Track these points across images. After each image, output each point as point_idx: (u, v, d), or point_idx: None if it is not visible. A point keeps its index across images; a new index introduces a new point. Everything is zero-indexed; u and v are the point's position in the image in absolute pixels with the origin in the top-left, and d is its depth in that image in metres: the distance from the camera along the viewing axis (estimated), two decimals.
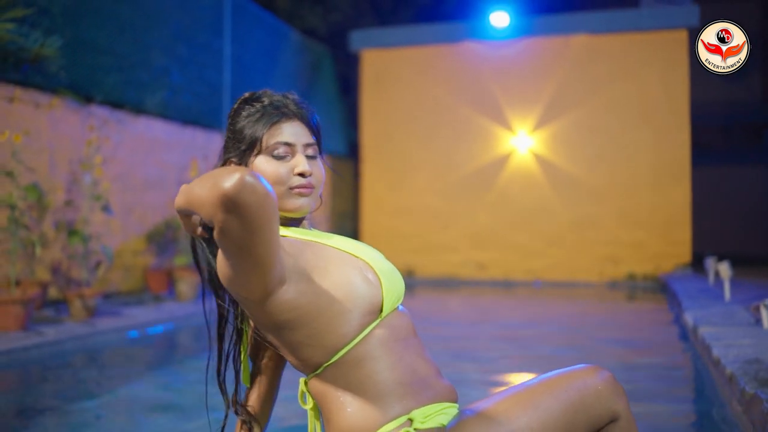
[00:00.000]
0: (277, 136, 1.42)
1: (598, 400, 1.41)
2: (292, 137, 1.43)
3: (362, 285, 1.37)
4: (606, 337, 4.92)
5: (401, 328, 1.43)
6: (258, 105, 1.46)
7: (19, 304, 4.31)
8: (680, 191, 8.73)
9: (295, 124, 1.45)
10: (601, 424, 1.42)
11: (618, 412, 1.42)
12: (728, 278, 5.41)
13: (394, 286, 1.43)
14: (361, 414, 1.35)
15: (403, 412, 1.35)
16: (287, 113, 1.45)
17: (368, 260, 1.43)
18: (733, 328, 4.01)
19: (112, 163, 5.99)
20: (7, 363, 3.84)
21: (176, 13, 7.14)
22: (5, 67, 4.92)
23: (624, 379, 3.44)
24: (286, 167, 1.42)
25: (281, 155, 1.42)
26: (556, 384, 1.43)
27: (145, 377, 3.80)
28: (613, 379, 1.45)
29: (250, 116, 1.45)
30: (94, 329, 4.63)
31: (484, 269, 9.39)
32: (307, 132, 1.47)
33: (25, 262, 5.01)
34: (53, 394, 3.40)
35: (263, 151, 1.42)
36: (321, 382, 1.39)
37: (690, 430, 2.75)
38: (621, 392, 1.44)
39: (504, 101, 9.38)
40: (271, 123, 1.43)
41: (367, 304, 1.36)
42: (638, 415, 2.80)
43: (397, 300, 1.44)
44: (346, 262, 1.40)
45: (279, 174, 1.41)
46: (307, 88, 10.09)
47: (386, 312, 1.40)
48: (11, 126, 4.94)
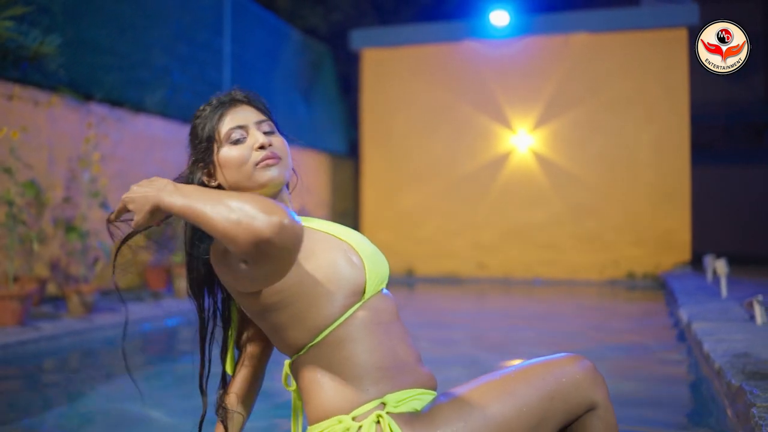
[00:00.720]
0: (229, 123, 1.48)
1: (576, 389, 1.42)
2: (242, 120, 1.49)
3: (346, 267, 1.41)
4: (601, 333, 4.93)
5: (384, 311, 1.47)
6: (206, 108, 1.52)
7: (17, 299, 4.34)
8: (680, 189, 8.73)
9: (242, 108, 1.51)
10: (578, 413, 1.44)
11: (596, 402, 1.44)
12: (725, 275, 5.41)
13: (377, 269, 1.46)
14: (338, 395, 1.38)
15: (378, 396, 1.38)
16: (232, 102, 1.52)
17: (353, 243, 1.47)
18: (726, 323, 4.02)
19: (111, 160, 6.02)
20: (4, 357, 3.87)
21: (177, 12, 7.18)
22: (4, 64, 4.96)
23: (615, 375, 3.47)
24: (246, 147, 1.46)
25: (238, 138, 1.47)
26: (534, 372, 1.45)
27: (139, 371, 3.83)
28: (593, 369, 1.46)
29: (201, 119, 1.51)
30: (92, 325, 4.66)
31: (485, 268, 9.41)
32: (256, 112, 1.52)
33: (24, 258, 5.05)
34: (51, 385, 3.44)
35: (222, 143, 1.47)
36: (303, 364, 1.43)
37: (677, 422, 2.76)
38: (600, 382, 1.45)
39: (504, 100, 9.39)
40: (220, 114, 1.49)
41: (350, 286, 1.40)
42: (625, 406, 2.83)
43: (380, 283, 1.48)
44: (332, 245, 1.44)
45: (242, 155, 1.45)
46: (308, 87, 10.12)
47: (369, 294, 1.43)
48: (10, 123, 4.98)
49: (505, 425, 1.36)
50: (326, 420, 1.38)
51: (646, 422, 2.69)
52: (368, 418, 1.34)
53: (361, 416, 1.36)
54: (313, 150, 10.06)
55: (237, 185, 1.46)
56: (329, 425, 1.37)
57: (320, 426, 1.38)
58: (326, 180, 10.50)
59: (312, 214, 9.57)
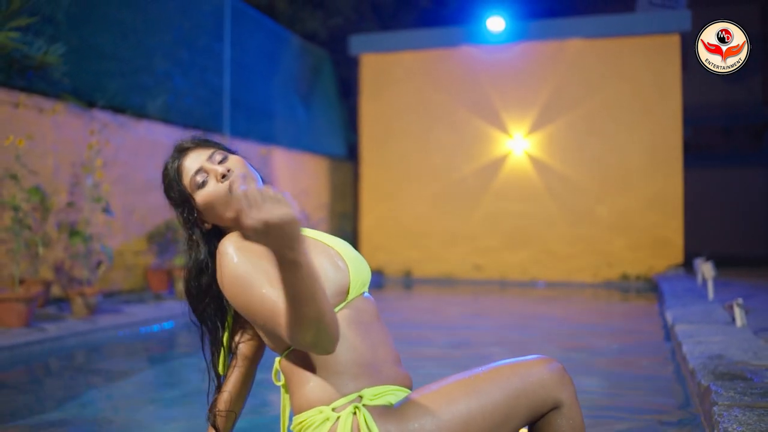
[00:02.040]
0: (187, 173, 1.63)
1: (542, 388, 1.52)
2: (195, 164, 1.62)
3: (331, 270, 1.55)
4: (589, 334, 5.06)
5: (365, 311, 1.61)
6: (167, 170, 1.67)
7: (22, 301, 4.48)
8: (673, 193, 8.86)
9: (192, 155, 1.65)
10: (543, 411, 1.54)
11: (561, 401, 1.53)
12: (711, 278, 5.54)
13: (360, 272, 1.61)
14: (319, 389, 1.52)
15: (356, 390, 1.52)
16: (181, 154, 1.66)
17: (338, 249, 1.62)
18: (708, 325, 4.15)
19: (113, 165, 6.17)
20: (10, 358, 4.02)
21: (178, 19, 7.32)
22: (10, 73, 5.11)
23: (599, 374, 3.60)
24: (212, 184, 1.60)
25: (203, 181, 1.61)
26: (501, 372, 1.57)
27: (144, 371, 3.98)
28: (562, 370, 1.56)
29: (168, 182, 1.66)
30: (95, 326, 4.80)
31: (481, 269, 9.54)
32: (203, 150, 1.66)
33: (29, 261, 5.20)
34: (59, 385, 3.58)
35: (193, 192, 1.62)
36: (290, 361, 1.57)
37: (650, 422, 2.89)
38: (567, 382, 1.55)
39: (500, 104, 9.53)
40: (177, 170, 1.64)
41: (335, 287, 1.54)
42: (602, 404, 2.96)
43: (362, 285, 1.62)
44: (320, 251, 1.59)
45: (216, 192, 1.59)
46: (308, 92, 10.26)
47: (353, 295, 1.58)
48: (16, 131, 5.13)
49: (470, 420, 1.49)
50: (309, 410, 1.52)
51: (620, 420, 2.83)
52: (346, 410, 1.48)
53: (340, 407, 1.50)
54: (313, 153, 10.20)
55: (229, 217, 1.61)
56: (311, 415, 1.51)
57: (303, 416, 1.52)
58: (325, 183, 10.64)
59: (311, 216, 9.71)
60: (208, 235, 1.68)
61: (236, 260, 1.51)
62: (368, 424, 1.45)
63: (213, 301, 1.73)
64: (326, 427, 1.48)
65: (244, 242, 1.55)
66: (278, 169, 8.93)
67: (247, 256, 1.52)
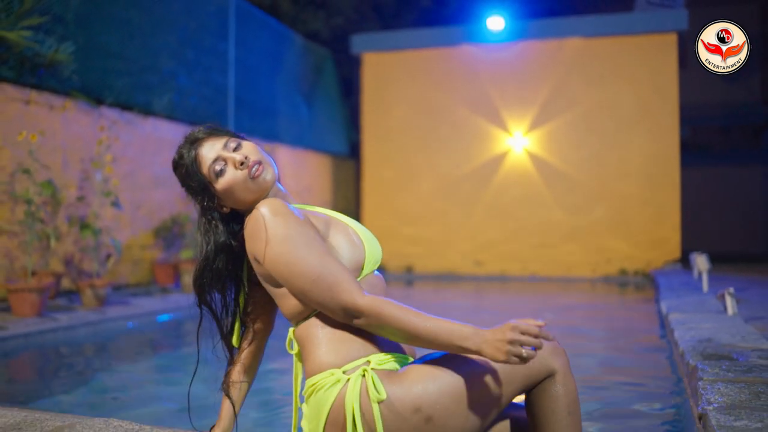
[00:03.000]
0: (206, 162, 1.72)
1: (537, 358, 1.65)
2: (212, 153, 1.72)
3: (349, 247, 1.71)
4: (587, 325, 5.19)
5: (377, 287, 1.75)
6: (183, 160, 1.75)
7: (35, 292, 4.62)
8: (670, 189, 8.99)
9: (207, 144, 1.73)
10: (539, 378, 1.66)
11: (555, 369, 1.66)
12: (705, 270, 5.67)
13: (374, 250, 1.76)
14: (331, 354, 1.65)
15: (365, 355, 1.66)
16: (198, 144, 1.74)
17: (356, 228, 1.78)
18: (700, 314, 4.27)
19: (121, 161, 6.30)
20: (25, 345, 4.16)
21: (183, 19, 7.45)
22: (22, 71, 5.25)
23: (595, 357, 3.73)
24: (230, 171, 1.71)
25: (221, 169, 1.71)
26: None
27: (152, 358, 4.11)
28: (555, 342, 1.68)
29: (186, 171, 1.74)
30: (105, 316, 4.94)
31: (481, 265, 9.67)
32: (217, 139, 1.75)
33: (40, 254, 5.33)
34: (71, 370, 3.72)
35: (212, 180, 1.72)
36: (305, 329, 1.70)
37: (643, 400, 3.03)
38: (560, 353, 1.68)
39: (500, 102, 9.66)
40: (195, 160, 1.72)
41: (352, 263, 1.69)
42: (599, 386, 3.10)
43: (375, 263, 1.76)
44: (340, 229, 1.74)
45: (234, 179, 1.70)
46: (310, 90, 10.40)
47: (367, 271, 1.72)
48: (27, 127, 5.26)
49: (471, 385, 1.61)
50: (321, 373, 1.65)
51: (612, 394, 2.96)
52: (356, 372, 1.62)
53: (350, 370, 1.63)
54: (315, 151, 10.33)
55: (248, 201, 1.73)
56: (323, 377, 1.64)
57: (316, 378, 1.65)
58: (328, 180, 10.77)
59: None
60: (226, 218, 1.81)
61: (279, 224, 1.62)
62: (376, 385, 1.58)
63: (231, 278, 1.85)
64: (337, 388, 1.61)
65: (279, 208, 1.64)
66: (281, 166, 9.06)
67: (287, 220, 1.63)
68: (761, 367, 2.60)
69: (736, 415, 1.93)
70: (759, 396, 2.14)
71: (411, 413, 1.58)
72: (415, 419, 1.58)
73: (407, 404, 1.58)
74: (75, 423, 1.79)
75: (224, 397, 1.91)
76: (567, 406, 1.67)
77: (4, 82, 5.13)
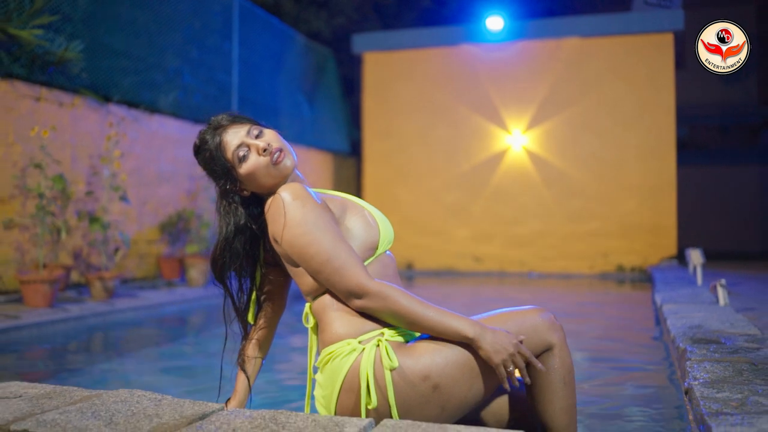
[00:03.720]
0: (230, 146, 1.83)
1: (535, 332, 1.76)
2: (236, 139, 1.83)
3: (365, 228, 1.84)
4: (585, 316, 5.32)
5: (389, 266, 1.88)
6: (206, 145, 1.86)
7: (47, 283, 4.76)
8: (667, 187, 9.12)
9: (231, 130, 1.85)
10: (536, 352, 1.77)
11: (552, 343, 1.77)
12: (699, 264, 5.80)
13: (387, 231, 1.90)
14: (348, 325, 1.78)
15: (379, 328, 1.78)
16: (222, 130, 1.86)
17: (370, 210, 1.92)
18: (693, 305, 4.41)
19: (128, 158, 6.43)
20: (38, 334, 4.29)
21: (188, 18, 7.59)
22: (33, 69, 5.38)
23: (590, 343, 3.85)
24: (253, 158, 1.82)
25: (244, 155, 1.82)
26: (499, 317, 1.80)
27: (166, 344, 4.25)
28: (552, 318, 1.80)
29: (210, 156, 1.86)
30: (113, 308, 5.07)
31: (481, 262, 9.81)
32: (241, 125, 1.87)
33: (50, 247, 5.46)
34: (85, 357, 3.85)
35: (236, 164, 1.83)
36: (321, 303, 1.82)
37: (636, 381, 3.16)
38: (557, 328, 1.78)
39: (499, 101, 9.80)
40: (219, 145, 1.84)
41: (367, 243, 1.82)
42: (592, 365, 3.23)
43: (388, 243, 1.89)
44: (356, 211, 1.88)
45: (257, 165, 1.81)
46: (312, 89, 10.53)
47: (380, 251, 1.85)
48: (38, 123, 5.40)
49: (472, 358, 1.73)
50: (337, 342, 1.77)
51: (607, 374, 3.10)
52: (370, 342, 1.74)
53: (366, 341, 1.76)
54: (317, 149, 10.46)
55: (268, 185, 1.85)
56: (339, 346, 1.76)
57: (332, 347, 1.77)
58: (329, 178, 10.90)
59: None
60: (246, 201, 1.92)
61: (297, 207, 1.74)
62: (389, 354, 1.71)
63: (248, 259, 1.96)
64: (353, 356, 1.73)
65: (299, 193, 1.77)
66: None
67: (304, 204, 1.75)
68: (747, 349, 2.73)
69: (719, 389, 2.06)
70: (742, 373, 2.28)
71: (420, 381, 1.70)
72: (423, 387, 1.70)
73: (417, 373, 1.70)
74: (101, 393, 1.91)
75: (239, 371, 2.02)
76: (563, 377, 1.78)
77: (16, 79, 5.26)
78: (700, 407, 1.87)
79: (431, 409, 1.73)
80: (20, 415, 1.70)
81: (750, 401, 1.90)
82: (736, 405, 1.87)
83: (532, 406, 1.82)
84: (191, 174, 7.34)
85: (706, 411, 1.82)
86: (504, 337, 1.67)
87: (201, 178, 7.17)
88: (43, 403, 1.81)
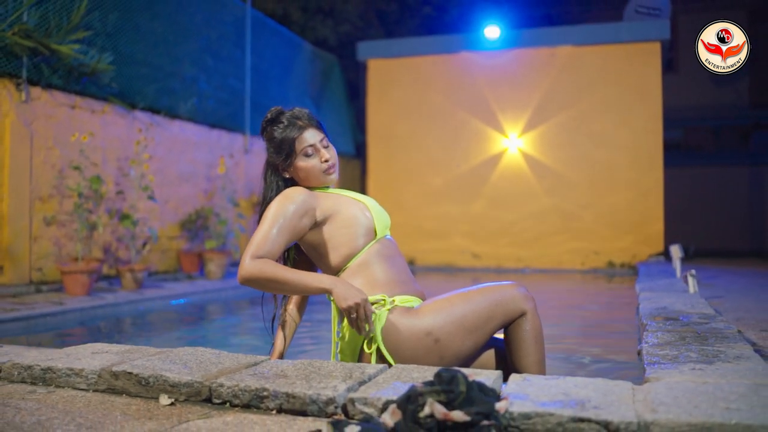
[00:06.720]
0: (304, 142, 2.31)
1: (513, 301, 2.23)
2: (312, 140, 2.32)
3: (362, 217, 2.33)
4: (573, 303, 5.83)
5: (390, 247, 2.38)
6: (282, 124, 2.33)
7: (86, 273, 5.28)
8: (654, 187, 9.63)
9: (311, 131, 2.33)
10: (513, 317, 2.24)
11: (525, 310, 2.23)
12: (678, 258, 6.30)
13: (381, 218, 2.38)
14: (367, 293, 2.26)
15: (390, 296, 2.29)
16: (304, 125, 2.33)
17: (365, 203, 2.39)
18: (666, 293, 4.90)
19: (152, 160, 6.94)
20: (80, 317, 4.81)
21: (204, 29, 8.09)
22: (69, 79, 5.89)
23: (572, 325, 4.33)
24: (316, 160, 2.33)
25: (310, 153, 2.32)
26: (486, 289, 2.28)
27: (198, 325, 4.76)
28: (525, 291, 2.26)
29: (282, 131, 2.32)
30: (143, 297, 5.59)
31: (479, 258, 10.32)
32: (319, 132, 2.35)
33: (84, 242, 5.98)
34: (126, 335, 4.37)
35: (297, 154, 2.31)
36: (343, 278, 2.31)
37: (610, 357, 3.67)
38: (530, 299, 2.25)
39: (496, 106, 10.31)
40: (297, 134, 2.30)
41: (365, 229, 2.32)
42: (574, 347, 3.74)
43: (385, 228, 2.39)
44: (352, 204, 2.36)
45: (315, 166, 2.32)
46: (318, 94, 11.03)
47: (379, 235, 2.34)
48: (73, 129, 5.92)
49: (464, 318, 2.21)
50: None
51: (583, 352, 3.61)
52: (383, 309, 2.23)
53: (380, 306, 2.25)
54: None
55: (307, 181, 2.34)
56: None
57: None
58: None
59: None
60: (284, 181, 2.40)
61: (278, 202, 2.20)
62: (399, 315, 2.24)
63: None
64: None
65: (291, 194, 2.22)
66: None
67: (285, 204, 2.19)
68: (696, 323, 3.24)
69: (662, 348, 2.57)
70: (685, 339, 2.79)
71: (424, 335, 2.19)
72: (427, 340, 2.20)
73: (422, 329, 2.19)
74: (171, 349, 2.42)
75: (278, 330, 2.50)
76: (534, 337, 2.25)
77: (55, 89, 5.78)
78: (644, 360, 2.39)
79: (432, 358, 2.22)
80: (116, 361, 2.23)
81: (683, 356, 2.41)
82: (670, 358, 2.38)
83: (510, 360, 2.28)
84: (208, 175, 7.85)
85: (647, 362, 2.34)
86: (353, 291, 2.08)
87: (217, 179, 7.70)
88: (128, 356, 2.33)
